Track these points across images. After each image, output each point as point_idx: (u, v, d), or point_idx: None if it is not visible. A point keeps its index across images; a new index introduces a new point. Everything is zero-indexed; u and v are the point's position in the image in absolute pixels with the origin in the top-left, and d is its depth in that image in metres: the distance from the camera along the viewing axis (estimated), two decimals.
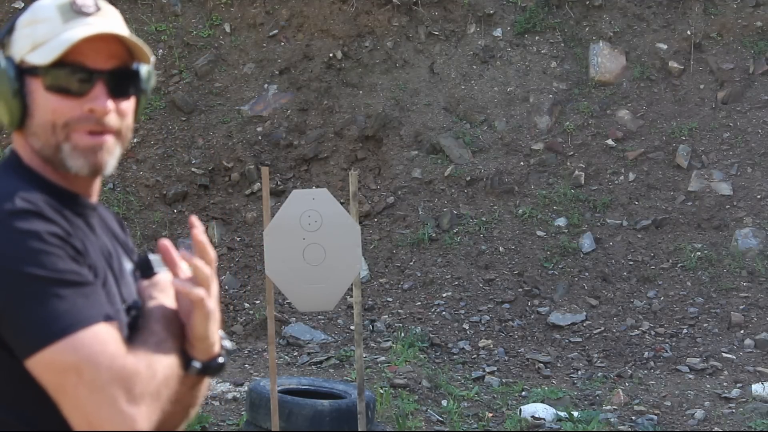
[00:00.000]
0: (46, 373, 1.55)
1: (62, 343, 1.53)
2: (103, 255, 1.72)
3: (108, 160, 1.73)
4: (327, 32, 10.69)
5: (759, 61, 10.16)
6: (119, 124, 1.73)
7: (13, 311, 1.55)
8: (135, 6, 10.92)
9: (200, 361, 1.73)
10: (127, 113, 1.75)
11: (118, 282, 1.74)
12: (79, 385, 1.53)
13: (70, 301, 1.55)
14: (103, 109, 1.69)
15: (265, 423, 5.77)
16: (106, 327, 1.57)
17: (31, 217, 1.59)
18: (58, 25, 1.69)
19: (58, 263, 1.57)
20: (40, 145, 1.71)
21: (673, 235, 9.29)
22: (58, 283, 1.56)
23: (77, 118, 1.69)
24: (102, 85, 1.70)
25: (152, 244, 9.65)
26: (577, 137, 9.99)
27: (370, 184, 9.95)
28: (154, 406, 1.58)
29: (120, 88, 1.73)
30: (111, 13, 1.75)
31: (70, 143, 1.69)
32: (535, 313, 8.78)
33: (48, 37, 1.69)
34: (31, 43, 1.70)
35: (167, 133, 10.36)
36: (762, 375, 7.70)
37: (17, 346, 1.56)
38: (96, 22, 1.70)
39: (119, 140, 1.74)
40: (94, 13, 1.72)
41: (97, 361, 1.53)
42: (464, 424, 7.00)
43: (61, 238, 1.60)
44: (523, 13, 10.60)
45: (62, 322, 1.54)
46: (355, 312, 5.49)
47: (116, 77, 1.72)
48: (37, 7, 1.73)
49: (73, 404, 1.55)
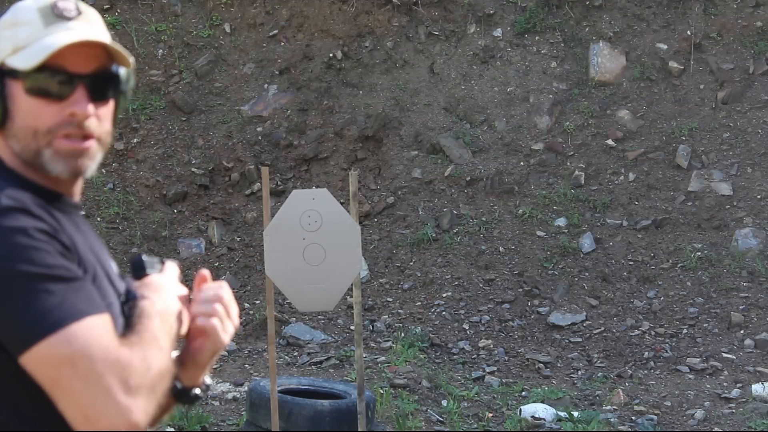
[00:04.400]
0: (40, 367, 1.54)
1: (55, 337, 1.53)
2: (92, 252, 1.73)
3: (89, 165, 1.73)
4: (327, 32, 10.69)
5: (759, 61, 10.16)
6: (99, 129, 1.74)
7: (4, 309, 1.55)
8: (135, 6, 10.92)
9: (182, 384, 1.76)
10: (106, 118, 1.76)
11: (110, 277, 1.75)
12: (74, 377, 1.53)
13: (61, 296, 1.55)
14: (84, 113, 1.70)
15: (265, 423, 5.77)
16: (98, 319, 1.57)
17: (17, 214, 1.59)
18: (40, 29, 1.69)
19: (47, 259, 1.57)
20: (19, 148, 1.71)
21: (673, 235, 9.29)
22: (48, 278, 1.56)
23: (59, 123, 1.69)
24: (83, 88, 1.70)
25: (152, 244, 9.65)
26: (577, 137, 9.99)
27: (370, 184, 9.95)
28: (150, 398, 1.57)
29: (100, 91, 1.73)
30: (92, 16, 1.75)
31: (52, 149, 1.70)
32: (535, 313, 8.78)
33: (29, 41, 1.69)
34: (12, 45, 1.70)
35: (167, 133, 10.36)
36: (762, 375, 7.70)
37: (11, 343, 1.56)
38: (77, 27, 1.71)
39: (100, 145, 1.75)
40: (75, 17, 1.72)
41: (91, 352, 1.53)
42: (464, 424, 7.00)
43: (48, 234, 1.60)
44: (523, 13, 10.60)
45: (54, 316, 1.53)
46: (355, 312, 5.49)
47: (96, 81, 1.72)
48: (18, 9, 1.73)
49: (68, 398, 1.54)
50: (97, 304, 1.59)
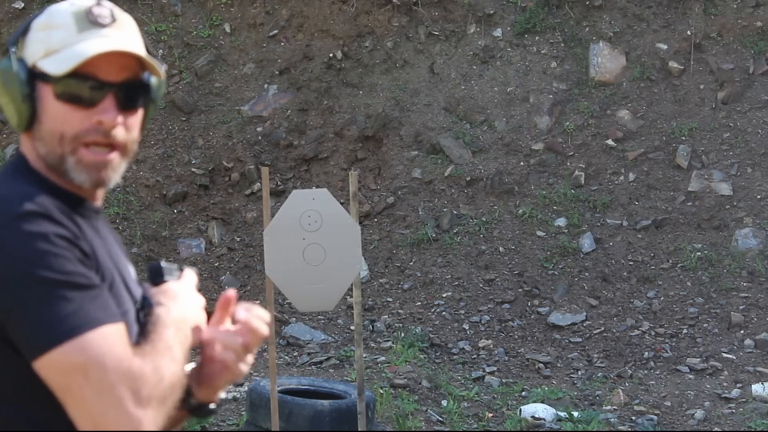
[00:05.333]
0: (53, 374, 1.55)
1: (69, 345, 1.53)
2: (111, 258, 1.73)
3: (112, 177, 1.73)
4: (327, 32, 10.69)
5: (759, 61, 10.16)
6: (125, 137, 1.74)
7: (21, 313, 1.55)
8: (135, 6, 10.92)
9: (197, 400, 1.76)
10: (134, 127, 1.76)
11: (127, 284, 1.75)
12: (86, 386, 1.53)
13: (77, 303, 1.55)
14: (112, 122, 1.70)
15: (265, 423, 5.77)
16: (113, 329, 1.57)
17: (39, 219, 1.59)
18: (73, 35, 1.69)
19: (65, 265, 1.57)
20: (45, 151, 1.71)
21: (673, 235, 9.29)
22: (66, 285, 1.56)
23: (86, 130, 1.69)
24: (112, 97, 1.70)
25: (152, 244, 9.65)
26: (577, 137, 9.98)
27: (370, 184, 9.95)
28: (160, 410, 1.57)
29: (130, 100, 1.73)
30: (127, 24, 1.74)
31: (76, 157, 1.69)
32: (535, 313, 8.78)
33: (62, 45, 1.69)
34: (45, 48, 1.70)
35: (167, 133, 10.36)
36: (762, 375, 7.70)
37: (25, 347, 1.56)
38: (111, 34, 1.70)
39: (124, 155, 1.75)
40: (110, 24, 1.71)
41: (104, 362, 1.53)
42: (464, 424, 7.00)
43: (68, 241, 1.60)
44: (523, 13, 10.60)
45: (69, 323, 1.54)
46: (355, 312, 5.49)
47: (127, 89, 1.72)
48: (53, 12, 1.72)
49: (79, 405, 1.54)
50: (112, 313, 1.59)
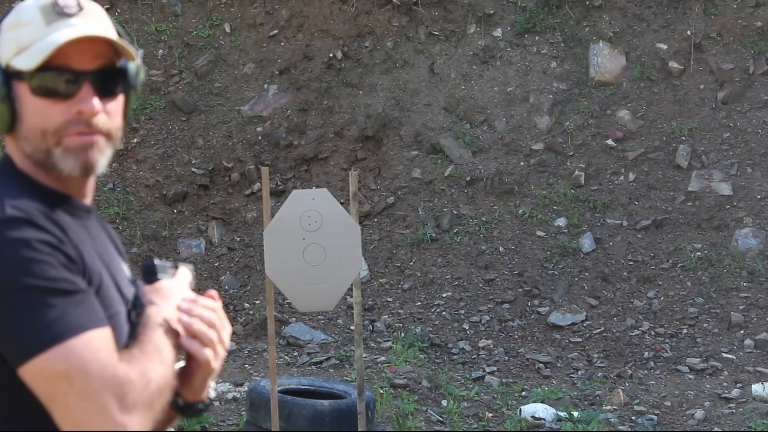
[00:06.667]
0: (37, 381, 1.54)
1: (53, 351, 1.52)
2: (101, 258, 1.71)
3: (99, 159, 1.71)
4: (327, 32, 10.68)
5: (759, 61, 10.16)
6: (108, 124, 1.72)
7: (4, 321, 1.54)
8: (135, 6, 10.91)
9: (185, 400, 1.75)
10: (116, 113, 1.74)
11: (118, 284, 1.73)
12: (70, 393, 1.52)
13: (61, 310, 1.54)
14: (91, 110, 1.68)
15: (265, 423, 5.77)
16: (98, 334, 1.56)
17: (21, 225, 1.58)
18: (42, 28, 1.67)
19: (49, 271, 1.56)
20: (30, 149, 1.69)
21: (673, 235, 9.29)
22: (50, 291, 1.55)
23: (66, 122, 1.67)
24: (89, 85, 1.68)
25: (152, 244, 9.65)
26: (577, 137, 9.99)
27: (370, 184, 9.95)
28: (146, 415, 1.57)
29: (107, 87, 1.71)
30: (95, 11, 1.73)
31: (61, 147, 1.68)
32: (535, 313, 8.78)
33: (32, 40, 1.67)
34: (16, 47, 1.68)
35: (167, 133, 10.36)
36: (762, 375, 7.70)
37: (10, 354, 1.55)
38: (79, 23, 1.68)
39: (109, 141, 1.73)
40: (77, 13, 1.69)
41: (89, 368, 1.52)
42: (464, 424, 7.00)
43: (52, 246, 1.58)
44: (523, 13, 10.59)
45: (53, 330, 1.53)
46: (355, 312, 5.49)
47: (103, 77, 1.70)
48: (20, 10, 1.71)
49: (64, 412, 1.54)
50: (97, 318, 1.58)
